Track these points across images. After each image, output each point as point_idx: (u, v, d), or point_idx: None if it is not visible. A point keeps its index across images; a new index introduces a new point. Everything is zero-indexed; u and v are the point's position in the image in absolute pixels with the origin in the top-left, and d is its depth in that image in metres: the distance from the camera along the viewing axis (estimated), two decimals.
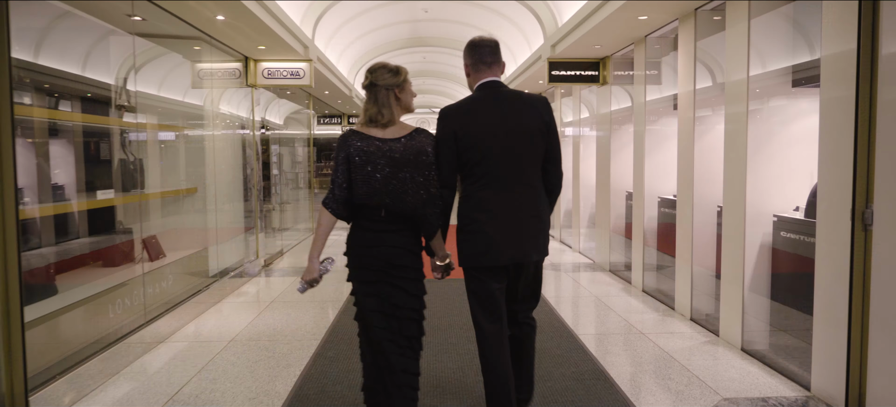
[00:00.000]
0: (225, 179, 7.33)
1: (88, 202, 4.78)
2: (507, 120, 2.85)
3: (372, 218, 2.82)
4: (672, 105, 6.85)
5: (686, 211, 5.52)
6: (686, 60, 5.50)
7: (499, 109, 2.87)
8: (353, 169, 2.76)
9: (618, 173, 7.70)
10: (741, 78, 4.50)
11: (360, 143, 2.77)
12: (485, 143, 2.83)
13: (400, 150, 2.77)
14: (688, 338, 4.92)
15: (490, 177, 2.85)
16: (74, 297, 4.29)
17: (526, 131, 2.86)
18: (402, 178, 2.75)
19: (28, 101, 4.39)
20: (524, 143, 2.86)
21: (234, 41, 6.77)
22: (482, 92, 2.94)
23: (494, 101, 2.89)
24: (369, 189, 2.75)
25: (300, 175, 13.14)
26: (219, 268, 6.69)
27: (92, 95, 5.30)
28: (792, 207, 4.78)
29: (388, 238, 2.82)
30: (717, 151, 5.40)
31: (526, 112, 2.88)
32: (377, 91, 2.82)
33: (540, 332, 4.92)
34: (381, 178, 2.74)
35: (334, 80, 10.71)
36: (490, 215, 2.85)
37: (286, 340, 4.87)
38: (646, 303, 6.09)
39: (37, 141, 4.45)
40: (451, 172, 2.88)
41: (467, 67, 3.03)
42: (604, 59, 7.84)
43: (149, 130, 5.92)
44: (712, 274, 5.55)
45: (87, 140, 5.21)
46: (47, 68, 4.65)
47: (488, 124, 2.85)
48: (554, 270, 7.91)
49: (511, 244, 2.85)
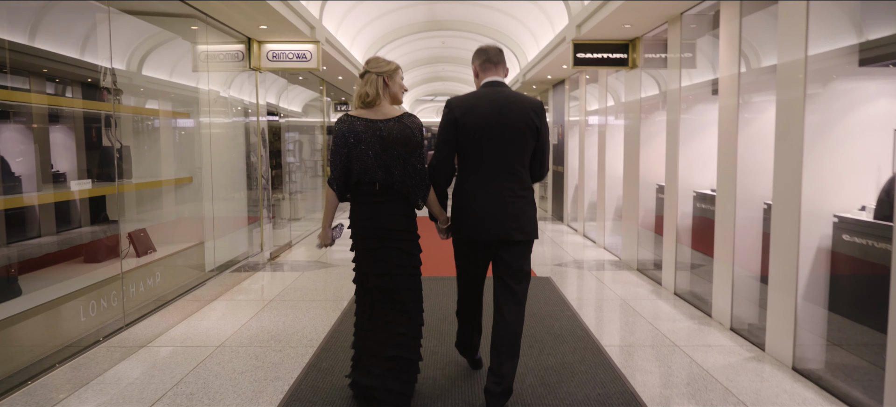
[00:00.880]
0: (226, 168, 6.89)
1: (55, 194, 4.33)
2: (501, 116, 3.21)
3: (368, 191, 3.21)
4: (710, 91, 6.24)
5: (727, 207, 4.94)
6: (730, 40, 4.89)
7: (496, 106, 3.23)
8: (349, 149, 3.15)
9: (647, 165, 7.10)
10: (797, 58, 3.90)
11: (353, 125, 3.16)
12: (479, 133, 3.21)
13: (389, 131, 3.17)
14: (729, 352, 4.35)
15: (481, 164, 3.24)
16: (43, 297, 3.86)
17: (516, 128, 3.21)
18: (392, 155, 3.16)
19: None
20: (513, 139, 3.22)
21: (234, 20, 6.31)
22: (485, 89, 3.31)
23: (493, 98, 3.25)
24: (363, 165, 3.15)
25: (317, 163, 12.69)
26: (216, 262, 6.26)
27: (78, 79, 4.89)
28: (857, 207, 4.17)
29: (384, 208, 3.20)
30: (762, 142, 4.81)
31: (519, 112, 3.23)
32: (368, 76, 3.22)
33: (561, 343, 4.40)
34: (373, 156, 3.15)
35: (347, 65, 10.21)
36: (478, 199, 3.24)
37: (280, 345, 4.41)
38: (678, 308, 5.52)
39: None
40: (450, 152, 3.30)
41: (476, 68, 3.44)
42: (633, 41, 7.22)
43: (139, 115, 5.49)
44: (756, 278, 4.96)
45: (70, 126, 4.80)
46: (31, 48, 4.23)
47: (485, 117, 3.21)
48: (577, 267, 7.36)
49: (494, 224, 3.22)
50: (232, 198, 7.08)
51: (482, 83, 3.36)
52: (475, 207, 3.23)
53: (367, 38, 11.74)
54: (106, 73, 4.75)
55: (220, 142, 6.76)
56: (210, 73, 6.41)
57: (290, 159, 11.79)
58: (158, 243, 5.44)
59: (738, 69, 4.75)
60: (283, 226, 9.64)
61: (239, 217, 7.28)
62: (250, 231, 7.55)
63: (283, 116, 10.62)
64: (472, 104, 3.23)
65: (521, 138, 3.22)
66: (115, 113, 4.92)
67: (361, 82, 3.22)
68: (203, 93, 6.27)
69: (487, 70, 3.37)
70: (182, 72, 6.27)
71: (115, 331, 4.35)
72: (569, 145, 11.01)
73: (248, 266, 7.00)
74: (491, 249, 3.31)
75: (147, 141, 5.63)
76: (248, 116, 7.68)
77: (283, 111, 10.70)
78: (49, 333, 3.85)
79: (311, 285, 6.29)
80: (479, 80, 3.41)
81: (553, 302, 5.58)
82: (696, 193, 6.11)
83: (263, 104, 7.96)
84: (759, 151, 4.80)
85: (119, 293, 4.41)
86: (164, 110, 6.10)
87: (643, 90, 7.12)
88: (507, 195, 3.21)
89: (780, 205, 4.12)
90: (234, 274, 6.53)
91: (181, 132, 6.08)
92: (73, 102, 4.64)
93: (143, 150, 5.51)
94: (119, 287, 4.41)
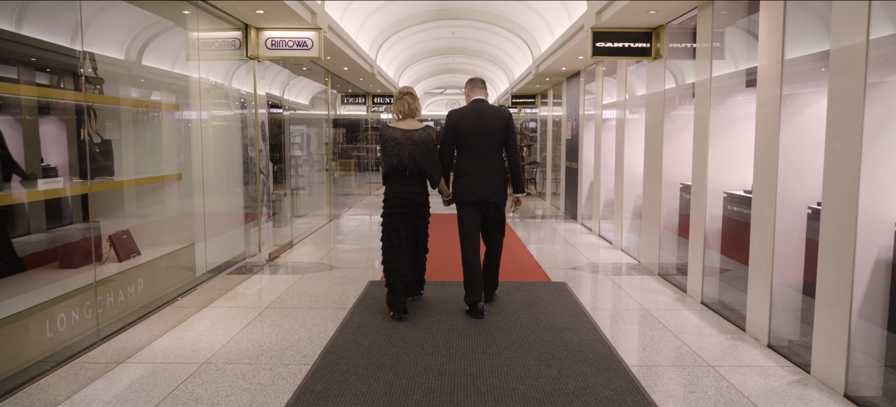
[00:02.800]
0: (221, 162, 6.47)
1: (13, 195, 3.88)
2: (482, 121, 4.97)
3: (400, 177, 4.90)
4: (741, 83, 5.75)
5: (765, 210, 4.46)
6: (772, 24, 4.40)
7: (479, 114, 5.01)
8: (390, 148, 4.86)
9: (671, 162, 6.61)
10: (856, 42, 3.42)
11: (393, 133, 4.90)
12: (469, 132, 4.96)
13: (417, 137, 4.90)
14: (769, 374, 3.89)
15: (470, 152, 4.99)
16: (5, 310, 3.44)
17: (493, 129, 4.97)
18: (419, 152, 4.87)
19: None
20: (490, 136, 4.97)
21: (227, 3, 5.87)
22: (473, 104, 5.11)
23: (478, 109, 5.03)
24: (400, 159, 4.84)
25: (324, 157, 12.23)
26: (209, 265, 5.85)
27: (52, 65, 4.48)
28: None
29: (410, 188, 4.90)
30: (807, 138, 4.33)
31: (494, 118, 4.99)
32: (405, 98, 5.02)
33: (582, 362, 3.94)
34: (406, 153, 4.84)
35: (352, 55, 9.76)
36: (469, 173, 4.98)
37: (271, 361, 3.99)
38: (707, 319, 5.05)
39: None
40: (450, 143, 5.08)
41: (467, 91, 5.26)
42: (657, 29, 6.73)
43: (123, 107, 5.07)
44: (796, 289, 4.49)
45: (43, 117, 4.40)
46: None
47: (472, 122, 4.97)
48: (592, 271, 6.90)
49: (480, 189, 4.96)
50: (227, 194, 6.67)
51: (471, 100, 5.18)
52: (467, 179, 4.99)
53: (373, 27, 11.28)
54: (84, 59, 4.33)
55: (215, 135, 6.34)
56: (202, 62, 5.99)
57: (297, 153, 11.37)
58: (144, 246, 5.03)
59: (782, 55, 4.26)
60: (285, 223, 9.23)
61: (234, 214, 6.86)
62: (247, 230, 7.14)
63: (288, 108, 10.20)
64: (464, 114, 5.04)
65: (496, 135, 4.98)
66: (88, 103, 4.49)
67: (398, 101, 5.04)
68: (194, 82, 5.85)
69: (475, 92, 5.21)
70: (173, 60, 5.85)
71: (87, 346, 3.93)
72: (584, 140, 10.51)
73: (245, 268, 6.60)
74: (478, 207, 5.02)
75: (133, 134, 5.21)
76: (244, 108, 7.26)
77: (288, 103, 10.28)
78: (5, 352, 3.44)
79: (311, 290, 5.88)
80: (468, 98, 5.23)
81: (570, 312, 5.13)
82: (727, 194, 5.63)
83: (263, 95, 7.54)
84: (803, 149, 4.32)
85: (94, 302, 3.99)
86: (152, 101, 5.68)
87: (667, 82, 6.63)
88: (487, 172, 4.97)
89: (832, 210, 3.65)
90: (228, 277, 6.12)
91: (171, 124, 5.66)
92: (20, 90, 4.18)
93: (128, 143, 5.10)
94: (93, 297, 3.99)
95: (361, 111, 17.46)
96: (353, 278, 6.38)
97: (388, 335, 4.49)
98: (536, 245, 8.52)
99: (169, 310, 4.84)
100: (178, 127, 5.75)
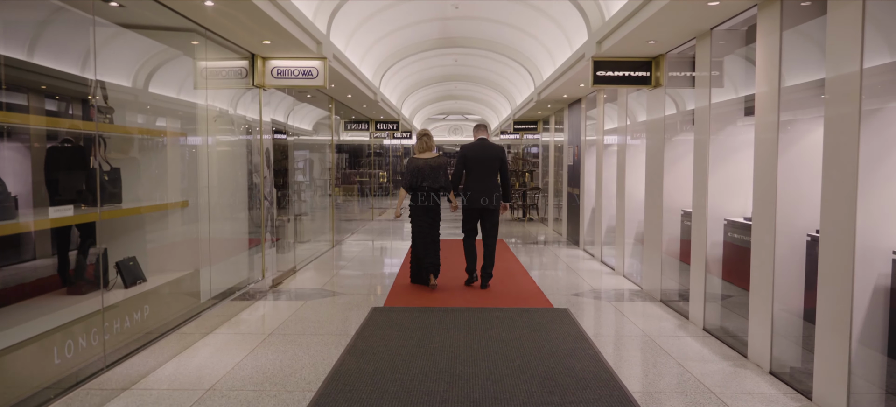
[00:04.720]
0: (226, 189, 6.54)
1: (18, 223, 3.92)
2: (484, 154, 7.18)
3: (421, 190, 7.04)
4: (739, 111, 5.82)
5: (765, 237, 4.50)
6: (768, 54, 4.49)
7: (482, 149, 7.20)
8: (415, 171, 7.03)
9: (672, 188, 6.66)
10: (851, 70, 3.49)
11: (417, 163, 7.08)
12: (475, 161, 7.16)
13: (433, 163, 7.07)
14: (771, 401, 3.90)
15: (475, 175, 7.15)
16: (6, 340, 3.47)
17: (490, 160, 7.17)
18: (435, 174, 7.04)
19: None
20: (489, 163, 7.17)
21: (234, 34, 5.99)
22: (478, 141, 7.28)
23: (481, 146, 7.21)
24: (421, 178, 7.00)
25: (327, 182, 12.31)
26: (213, 291, 5.88)
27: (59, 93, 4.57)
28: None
29: (427, 196, 7.01)
30: (804, 166, 4.38)
31: (492, 152, 7.21)
32: (424, 138, 7.24)
33: (584, 389, 3.95)
34: (426, 174, 7.01)
35: (356, 83, 9.89)
36: (473, 188, 7.13)
37: (275, 388, 4.02)
38: (709, 346, 5.06)
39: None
40: (461, 171, 7.31)
41: (474, 132, 7.45)
42: (657, 58, 6.83)
43: (131, 135, 5.16)
44: (797, 315, 4.51)
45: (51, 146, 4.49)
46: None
47: (477, 155, 7.18)
48: (595, 297, 6.92)
49: (479, 199, 7.09)
50: (231, 220, 6.73)
51: (476, 138, 7.30)
52: (471, 193, 7.11)
53: (377, 55, 11.44)
54: (95, 89, 4.43)
55: (220, 161, 6.42)
56: (210, 90, 6.09)
57: (300, 178, 11.43)
58: (149, 272, 5.08)
59: (779, 83, 4.34)
60: (288, 249, 9.27)
61: (239, 240, 6.92)
62: (251, 256, 7.18)
63: (292, 134, 10.30)
64: (472, 148, 7.23)
65: (493, 163, 7.18)
66: (99, 132, 4.59)
67: (419, 140, 7.23)
68: (202, 110, 5.95)
69: (478, 133, 7.37)
70: (181, 88, 5.96)
71: (93, 373, 3.96)
72: (585, 166, 10.59)
73: (248, 294, 6.63)
74: (477, 214, 7.23)
75: (142, 162, 5.29)
76: (249, 134, 7.35)
77: (292, 129, 10.38)
78: (15, 378, 3.47)
79: (314, 316, 5.91)
80: (475, 136, 7.34)
81: (573, 338, 5.15)
82: (728, 221, 5.67)
83: (268, 122, 7.64)
84: (802, 175, 4.38)
85: (101, 329, 4.03)
86: (158, 129, 5.77)
87: (667, 109, 6.71)
88: (486, 188, 7.10)
89: (830, 237, 3.69)
90: (232, 303, 6.15)
91: (179, 152, 5.74)
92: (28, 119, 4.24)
93: (137, 171, 5.17)
94: (100, 323, 4.03)
95: (365, 137, 17.59)
96: (356, 304, 6.41)
97: (392, 362, 4.51)
98: (539, 271, 8.55)
99: (173, 336, 4.87)
100: (184, 153, 5.83)
